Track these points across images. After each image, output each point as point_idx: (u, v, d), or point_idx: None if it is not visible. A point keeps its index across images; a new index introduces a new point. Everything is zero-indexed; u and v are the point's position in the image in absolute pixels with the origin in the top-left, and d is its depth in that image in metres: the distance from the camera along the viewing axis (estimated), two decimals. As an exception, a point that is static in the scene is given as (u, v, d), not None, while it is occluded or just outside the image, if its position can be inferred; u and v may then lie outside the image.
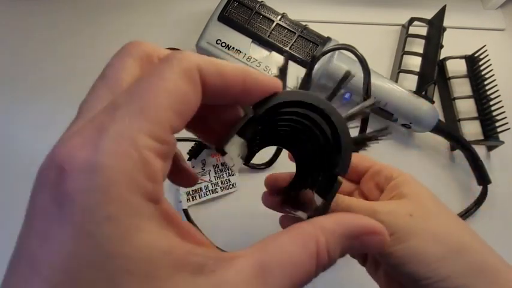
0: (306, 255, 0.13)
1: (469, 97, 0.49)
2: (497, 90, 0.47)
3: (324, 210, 0.17)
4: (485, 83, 0.49)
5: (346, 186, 0.29)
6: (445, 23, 0.49)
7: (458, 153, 0.48)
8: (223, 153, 0.16)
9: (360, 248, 0.15)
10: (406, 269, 0.20)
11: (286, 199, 0.26)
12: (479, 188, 0.45)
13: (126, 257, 0.10)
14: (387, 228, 0.19)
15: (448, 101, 0.50)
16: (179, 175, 0.19)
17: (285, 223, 0.30)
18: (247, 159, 0.19)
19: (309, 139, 0.20)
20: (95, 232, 0.10)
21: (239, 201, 0.43)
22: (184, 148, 0.44)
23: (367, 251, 0.20)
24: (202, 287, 0.11)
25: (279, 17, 0.46)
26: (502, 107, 0.46)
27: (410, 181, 0.24)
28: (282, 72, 0.19)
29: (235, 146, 0.17)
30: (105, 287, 0.09)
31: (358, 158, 0.26)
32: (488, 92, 0.48)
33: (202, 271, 0.11)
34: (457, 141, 0.46)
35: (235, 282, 0.11)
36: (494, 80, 0.48)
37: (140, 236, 0.10)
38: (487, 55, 0.49)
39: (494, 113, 0.47)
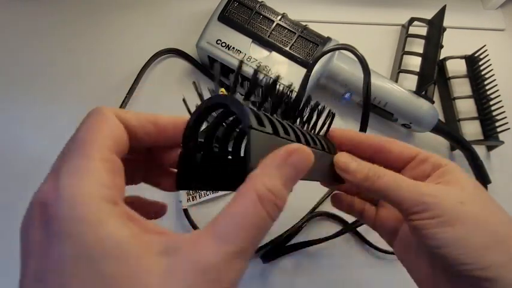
0: (250, 205, 0.14)
1: (469, 97, 0.49)
2: (497, 90, 0.47)
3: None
4: (485, 83, 0.49)
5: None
6: (445, 23, 0.49)
7: (458, 153, 0.48)
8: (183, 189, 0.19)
9: (294, 171, 0.16)
10: (448, 252, 0.21)
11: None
12: (479, 188, 0.45)
13: (100, 251, 0.12)
14: (433, 209, 0.21)
15: (448, 101, 0.51)
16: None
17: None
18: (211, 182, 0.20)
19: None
20: (70, 232, 0.13)
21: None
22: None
23: (300, 173, 0.16)
24: (171, 265, 0.13)
25: (279, 17, 0.46)
26: (502, 107, 0.46)
27: (459, 170, 0.24)
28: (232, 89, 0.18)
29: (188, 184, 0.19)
30: (88, 273, 0.12)
31: (403, 146, 0.26)
32: (488, 92, 0.48)
33: (167, 252, 0.13)
34: (457, 141, 0.46)
35: (198, 253, 0.13)
36: (494, 80, 0.48)
37: (105, 227, 0.13)
38: (487, 55, 0.49)
39: (494, 113, 0.47)
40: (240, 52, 0.45)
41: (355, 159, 0.25)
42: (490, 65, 0.49)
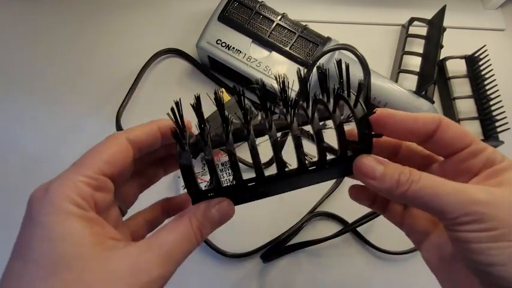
0: (185, 227, 0.20)
1: (469, 97, 0.49)
2: (497, 90, 0.47)
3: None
4: (485, 83, 0.49)
5: (418, 158, 0.24)
6: (445, 23, 0.49)
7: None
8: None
9: (217, 216, 0.21)
10: (504, 271, 0.18)
11: None
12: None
13: (59, 234, 0.17)
14: (486, 221, 0.18)
15: (448, 101, 0.50)
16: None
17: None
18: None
19: None
20: (41, 220, 0.18)
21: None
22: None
23: (223, 219, 0.22)
24: (113, 258, 0.18)
25: (279, 17, 0.46)
26: (502, 107, 0.46)
27: None
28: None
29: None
30: (47, 250, 0.17)
31: (460, 131, 0.22)
32: (488, 92, 0.48)
33: (114, 248, 0.18)
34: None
35: (135, 252, 0.18)
36: (494, 80, 0.48)
37: (71, 222, 0.18)
38: (487, 55, 0.49)
39: (494, 113, 0.47)
40: (240, 52, 0.45)
41: (382, 161, 0.21)
42: (490, 65, 0.49)
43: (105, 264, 0.17)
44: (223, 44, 0.46)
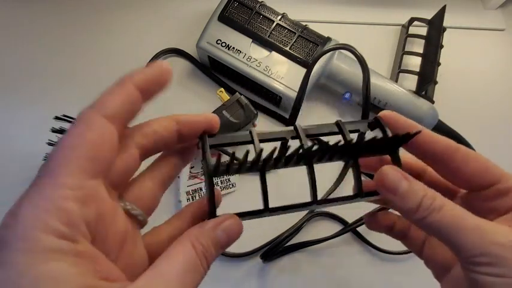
0: (187, 251, 0.16)
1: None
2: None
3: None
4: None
5: (442, 189, 0.22)
6: (445, 23, 0.49)
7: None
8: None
9: (226, 236, 0.18)
10: None
11: None
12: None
13: (34, 279, 0.12)
14: (503, 265, 0.16)
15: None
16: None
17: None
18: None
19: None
20: (11, 260, 0.13)
21: (239, 201, 0.43)
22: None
23: (232, 239, 0.18)
24: None
25: (279, 17, 0.46)
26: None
27: None
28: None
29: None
30: None
31: (483, 165, 0.20)
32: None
33: None
34: (458, 141, 0.46)
35: None
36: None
37: (51, 263, 0.13)
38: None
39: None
40: (240, 52, 0.45)
41: (407, 177, 0.19)
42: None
43: None
44: (223, 44, 0.46)
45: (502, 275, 0.16)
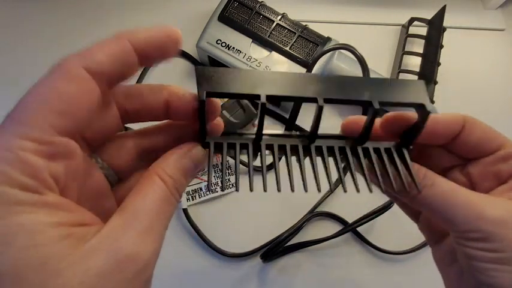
0: (154, 187, 0.16)
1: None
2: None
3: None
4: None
5: (446, 159, 0.22)
6: (445, 23, 0.49)
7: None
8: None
9: (192, 166, 0.17)
10: None
11: None
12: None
13: (7, 233, 0.12)
14: (493, 241, 0.16)
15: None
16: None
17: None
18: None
19: None
20: None
21: (239, 201, 0.43)
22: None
23: (198, 165, 0.18)
24: (85, 253, 0.13)
25: (279, 17, 0.46)
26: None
27: None
28: None
29: None
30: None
31: (488, 132, 0.19)
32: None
33: (84, 238, 0.13)
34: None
35: (110, 236, 0.14)
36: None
37: (20, 215, 0.12)
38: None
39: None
40: (240, 52, 0.45)
41: None
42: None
43: (77, 267, 0.13)
44: (223, 44, 0.46)
45: (493, 250, 0.17)
